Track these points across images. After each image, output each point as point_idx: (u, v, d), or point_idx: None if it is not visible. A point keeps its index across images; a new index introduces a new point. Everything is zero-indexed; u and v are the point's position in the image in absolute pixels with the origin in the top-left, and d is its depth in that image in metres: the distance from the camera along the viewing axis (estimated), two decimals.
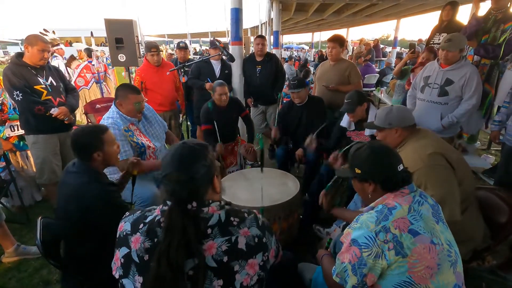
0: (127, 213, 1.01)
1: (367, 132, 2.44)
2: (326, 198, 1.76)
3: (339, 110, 2.66)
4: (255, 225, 0.92)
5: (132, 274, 0.88)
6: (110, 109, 2.18)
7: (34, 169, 2.88)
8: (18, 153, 2.98)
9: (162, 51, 3.64)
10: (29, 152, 2.96)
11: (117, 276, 0.92)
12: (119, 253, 0.92)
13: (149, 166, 2.13)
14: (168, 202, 0.90)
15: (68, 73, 5.25)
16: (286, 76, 4.65)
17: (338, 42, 3.11)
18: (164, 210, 0.90)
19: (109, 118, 2.11)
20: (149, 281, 0.82)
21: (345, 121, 2.60)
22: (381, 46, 13.56)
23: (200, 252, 0.82)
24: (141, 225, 0.91)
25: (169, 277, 0.79)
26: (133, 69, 5.33)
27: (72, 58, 5.82)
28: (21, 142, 2.91)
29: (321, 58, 9.93)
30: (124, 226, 0.95)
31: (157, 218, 0.91)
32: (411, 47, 4.67)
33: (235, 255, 0.85)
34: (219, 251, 0.84)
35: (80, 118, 4.70)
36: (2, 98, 2.86)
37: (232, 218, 0.90)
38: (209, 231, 0.86)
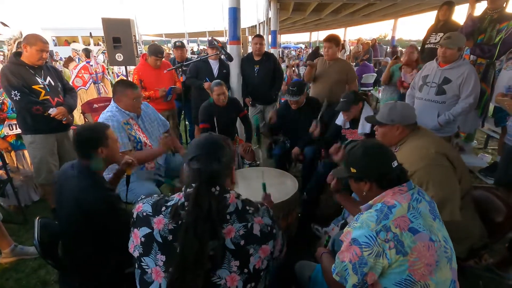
0: (142, 196, 1.07)
1: (360, 130, 2.46)
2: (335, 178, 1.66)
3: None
4: (267, 215, 1.01)
5: (154, 253, 0.94)
6: (109, 105, 2.20)
7: (31, 169, 2.86)
8: (13, 153, 2.95)
9: (164, 57, 3.64)
10: (25, 152, 2.94)
11: (135, 254, 0.97)
12: (139, 232, 0.96)
13: (142, 158, 2.12)
14: (193, 185, 0.96)
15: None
16: (284, 75, 4.65)
17: (334, 41, 3.21)
18: (189, 193, 0.96)
19: (108, 112, 2.13)
20: (177, 253, 0.89)
21: (340, 119, 2.62)
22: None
23: (220, 232, 0.91)
24: (163, 208, 0.97)
25: (196, 248, 0.86)
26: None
27: (69, 59, 5.78)
28: (19, 141, 2.90)
29: (316, 52, 9.66)
30: (143, 207, 1.00)
31: (180, 202, 0.97)
32: (394, 54, 4.77)
33: (250, 240, 0.94)
34: (237, 235, 0.93)
35: (78, 118, 4.68)
36: (2, 98, 2.85)
37: (247, 207, 0.99)
38: (228, 217, 0.95)
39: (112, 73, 7.01)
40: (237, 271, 0.91)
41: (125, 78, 3.51)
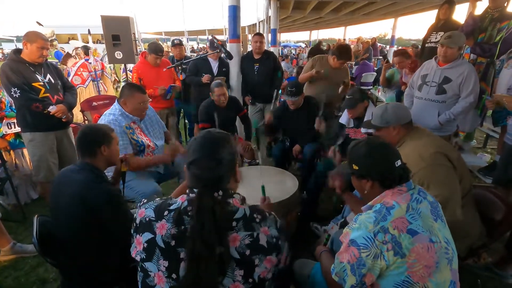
0: (144, 200, 1.04)
1: (363, 130, 2.46)
2: (337, 179, 1.62)
3: (338, 107, 2.70)
4: (274, 226, 0.96)
5: (156, 258, 0.91)
6: (112, 106, 2.19)
7: (30, 167, 2.85)
8: (12, 152, 2.95)
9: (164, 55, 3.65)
10: (24, 150, 2.93)
11: (138, 259, 0.95)
12: (142, 237, 0.94)
13: (140, 164, 2.10)
14: (195, 190, 0.94)
15: None
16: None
17: (350, 59, 3.42)
18: (191, 198, 0.93)
19: (111, 114, 2.12)
20: (186, 260, 0.87)
21: (344, 118, 2.63)
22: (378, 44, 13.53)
23: (226, 238, 0.88)
24: (166, 212, 0.94)
25: (205, 254, 0.84)
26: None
27: (68, 56, 5.76)
28: (17, 140, 2.89)
29: (318, 48, 9.49)
30: (146, 212, 0.96)
31: (183, 206, 0.93)
32: (384, 57, 4.85)
33: (256, 250, 0.90)
34: (242, 244, 0.89)
35: (76, 116, 4.67)
36: (0, 96, 2.84)
37: (255, 215, 0.95)
38: (234, 223, 0.91)
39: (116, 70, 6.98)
40: (241, 280, 0.89)
41: (124, 74, 3.50)
